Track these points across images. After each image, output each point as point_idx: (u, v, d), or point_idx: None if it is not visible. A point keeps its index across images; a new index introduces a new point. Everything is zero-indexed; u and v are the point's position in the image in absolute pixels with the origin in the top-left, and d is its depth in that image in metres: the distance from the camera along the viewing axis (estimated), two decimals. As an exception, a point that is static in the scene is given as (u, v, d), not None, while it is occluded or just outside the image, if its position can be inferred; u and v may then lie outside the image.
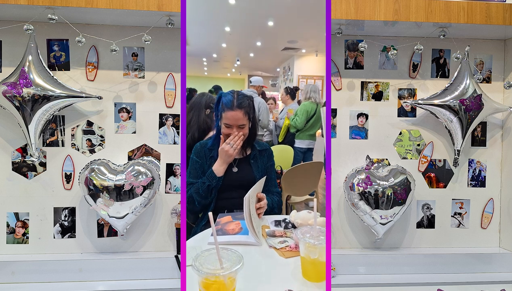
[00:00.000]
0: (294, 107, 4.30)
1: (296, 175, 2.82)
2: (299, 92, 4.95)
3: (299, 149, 4.08)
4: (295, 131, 4.09)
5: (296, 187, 2.91)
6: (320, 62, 9.13)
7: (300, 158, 3.96)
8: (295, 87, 4.77)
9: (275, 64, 7.69)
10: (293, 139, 4.16)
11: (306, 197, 3.33)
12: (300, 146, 4.08)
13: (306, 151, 4.12)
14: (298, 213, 1.57)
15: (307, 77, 8.00)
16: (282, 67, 8.26)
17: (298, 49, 7.58)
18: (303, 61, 8.55)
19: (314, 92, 4.19)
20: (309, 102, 4.08)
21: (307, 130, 4.00)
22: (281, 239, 1.41)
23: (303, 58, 8.53)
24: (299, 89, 5.34)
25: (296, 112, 4.11)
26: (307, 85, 4.37)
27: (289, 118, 4.13)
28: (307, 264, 1.16)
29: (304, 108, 4.03)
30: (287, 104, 4.49)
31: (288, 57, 8.08)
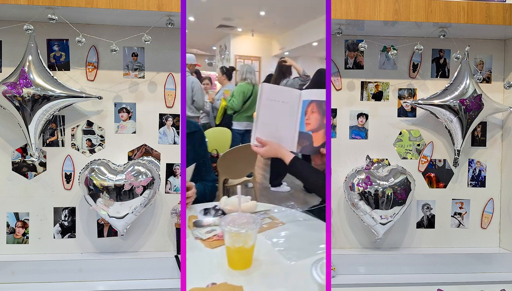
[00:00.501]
0: (230, 88, 4.25)
1: (232, 158, 2.75)
2: (236, 73, 4.85)
3: (237, 131, 4.04)
4: (232, 113, 4.05)
5: (232, 170, 2.85)
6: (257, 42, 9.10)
7: (238, 140, 3.92)
8: (231, 67, 4.71)
9: (211, 42, 7.51)
10: (231, 122, 4.11)
11: (244, 179, 3.32)
12: (238, 128, 4.04)
13: (244, 132, 4.08)
14: (228, 198, 1.52)
15: (244, 58, 7.91)
16: (219, 46, 8.17)
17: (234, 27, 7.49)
18: (240, 40, 8.47)
19: (250, 73, 4.15)
20: (245, 83, 4.04)
21: (244, 112, 3.95)
22: (208, 229, 1.36)
23: (239, 38, 8.44)
24: (235, 69, 5.26)
25: (232, 94, 4.05)
26: (243, 66, 4.30)
27: (225, 100, 4.08)
28: (232, 253, 1.13)
29: (240, 89, 3.97)
30: (224, 85, 4.44)
31: (224, 35, 7.97)
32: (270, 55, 8.57)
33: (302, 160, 1.43)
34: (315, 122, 1.42)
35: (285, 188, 4.17)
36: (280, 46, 8.38)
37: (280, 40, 8.34)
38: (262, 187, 4.29)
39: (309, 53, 8.82)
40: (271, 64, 5.75)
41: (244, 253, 1.11)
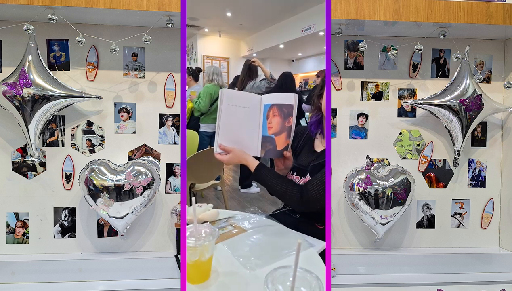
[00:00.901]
0: (197, 90, 4.21)
1: (199, 161, 2.70)
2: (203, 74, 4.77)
3: (205, 133, 4.00)
4: (200, 115, 4.01)
5: (199, 174, 2.80)
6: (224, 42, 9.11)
7: (206, 143, 3.89)
8: (197, 68, 4.69)
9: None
10: (198, 124, 4.07)
11: (212, 182, 3.26)
12: (205, 130, 4.00)
13: (212, 135, 4.02)
14: (189, 208, 1.45)
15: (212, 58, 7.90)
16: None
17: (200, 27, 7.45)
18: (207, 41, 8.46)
19: (216, 74, 4.11)
20: (212, 85, 4.01)
21: (212, 113, 3.94)
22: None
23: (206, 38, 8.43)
24: (202, 70, 5.21)
25: (199, 95, 4.02)
26: (209, 68, 4.29)
27: (192, 101, 4.04)
28: (188, 267, 1.08)
29: (207, 91, 3.94)
30: (190, 86, 4.41)
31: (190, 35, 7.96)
32: (238, 56, 8.53)
33: (266, 167, 1.40)
34: (277, 125, 1.41)
35: (255, 189, 4.16)
36: (248, 48, 8.33)
37: (248, 41, 8.32)
38: (232, 188, 4.29)
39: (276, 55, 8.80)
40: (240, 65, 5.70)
41: (201, 266, 1.07)
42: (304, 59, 8.64)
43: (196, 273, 1.08)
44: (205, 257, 1.06)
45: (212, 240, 1.06)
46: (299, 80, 8.00)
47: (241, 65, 4.34)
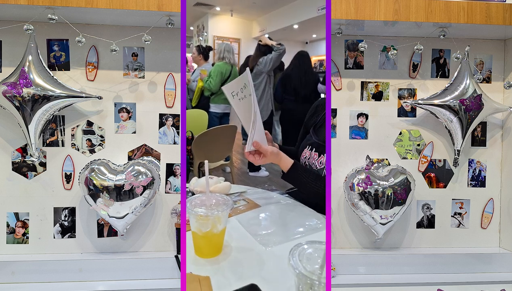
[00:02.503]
0: (207, 68, 4.10)
1: (208, 140, 2.64)
2: (214, 52, 4.68)
3: (215, 113, 3.89)
4: (210, 94, 3.90)
5: (208, 153, 2.72)
6: (236, 23, 8.99)
7: (216, 123, 3.79)
8: (207, 46, 4.58)
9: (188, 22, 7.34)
10: (208, 104, 3.96)
11: (221, 163, 3.21)
12: (215, 111, 3.89)
13: (222, 115, 3.94)
14: (199, 179, 1.38)
15: (223, 39, 7.77)
16: (196, 26, 8.07)
17: (212, 6, 7.39)
18: (218, 20, 8.32)
19: (228, 52, 3.98)
20: (223, 63, 3.90)
21: (222, 93, 3.83)
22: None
23: (217, 18, 8.30)
24: (212, 49, 5.11)
25: (209, 74, 3.90)
26: (220, 44, 4.14)
27: (202, 80, 3.93)
28: (199, 239, 0.99)
29: (218, 69, 3.82)
30: (200, 65, 4.31)
31: (202, 14, 7.85)
32: (250, 37, 8.35)
33: (302, 166, 1.32)
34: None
35: (263, 173, 4.06)
36: (260, 28, 8.16)
37: (261, 21, 8.12)
38: (240, 171, 4.19)
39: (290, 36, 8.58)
40: (251, 47, 5.53)
41: (213, 239, 0.98)
42: (318, 42, 8.29)
43: (207, 246, 0.99)
44: (218, 229, 0.97)
45: (226, 209, 0.98)
46: (314, 62, 7.69)
47: (253, 47, 4.23)
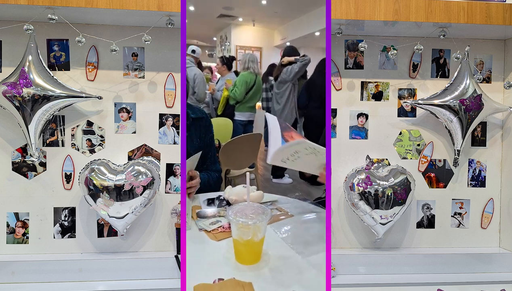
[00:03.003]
0: (232, 78, 4.18)
1: (234, 148, 2.69)
2: (236, 62, 4.75)
3: (240, 121, 3.96)
4: (235, 103, 3.97)
5: (235, 160, 2.79)
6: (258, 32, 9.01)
7: (240, 131, 3.86)
8: (231, 56, 4.65)
9: (211, 33, 7.37)
10: (233, 112, 4.03)
11: (246, 170, 3.26)
12: (240, 119, 3.96)
13: (246, 123, 4.01)
14: (233, 188, 1.42)
15: (246, 48, 7.80)
16: (219, 36, 8.10)
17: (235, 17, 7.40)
18: (241, 30, 8.36)
19: (252, 62, 4.06)
20: (248, 73, 3.97)
21: (247, 102, 3.89)
22: (213, 220, 1.28)
23: (240, 28, 8.34)
24: (235, 59, 5.17)
25: (235, 83, 3.98)
26: (245, 55, 4.20)
27: (227, 89, 4.00)
28: (240, 246, 1.04)
29: (243, 79, 3.90)
30: (224, 75, 4.37)
31: (224, 25, 7.88)
32: (271, 45, 8.44)
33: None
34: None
35: (287, 180, 4.12)
36: (281, 37, 8.24)
37: (282, 30, 8.21)
38: (263, 178, 4.22)
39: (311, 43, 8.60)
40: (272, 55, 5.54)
41: (253, 247, 1.04)
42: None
43: (248, 254, 1.05)
44: (258, 237, 1.02)
45: (265, 219, 1.03)
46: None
47: (274, 55, 4.27)
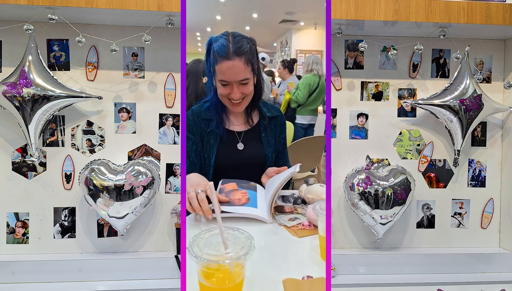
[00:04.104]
0: (294, 81, 4.13)
1: (298, 150, 2.67)
2: (296, 65, 4.73)
3: (301, 125, 3.92)
4: (296, 106, 3.93)
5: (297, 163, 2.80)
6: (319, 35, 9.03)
7: (301, 135, 3.82)
8: (292, 59, 4.61)
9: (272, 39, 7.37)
10: (294, 115, 3.99)
11: (308, 173, 3.23)
12: (301, 122, 3.92)
13: (307, 127, 3.96)
14: (309, 187, 1.39)
15: (306, 52, 7.82)
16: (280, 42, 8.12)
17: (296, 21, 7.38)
18: (302, 35, 8.37)
19: (316, 63, 3.99)
20: (311, 75, 3.92)
21: (309, 105, 3.84)
22: (291, 216, 1.25)
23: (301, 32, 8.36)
24: (296, 61, 5.15)
25: (297, 86, 3.93)
26: (309, 57, 4.15)
27: (290, 93, 3.96)
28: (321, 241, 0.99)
29: (306, 82, 3.85)
30: (285, 79, 4.35)
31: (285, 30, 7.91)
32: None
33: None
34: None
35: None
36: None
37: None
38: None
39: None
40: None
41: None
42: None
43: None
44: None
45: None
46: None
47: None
